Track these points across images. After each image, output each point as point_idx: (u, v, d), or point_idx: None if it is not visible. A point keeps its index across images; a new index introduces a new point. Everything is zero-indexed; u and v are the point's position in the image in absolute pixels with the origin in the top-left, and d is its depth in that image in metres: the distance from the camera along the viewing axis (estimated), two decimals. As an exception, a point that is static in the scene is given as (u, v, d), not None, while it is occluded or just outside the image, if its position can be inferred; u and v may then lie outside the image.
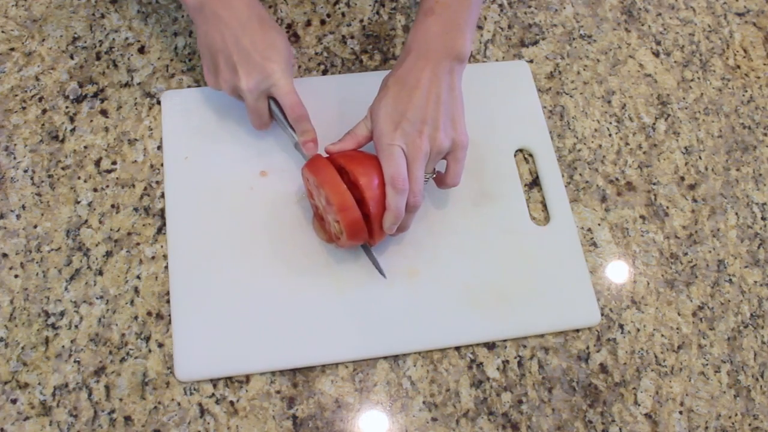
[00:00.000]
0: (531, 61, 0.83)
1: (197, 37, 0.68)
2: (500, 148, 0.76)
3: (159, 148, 0.73)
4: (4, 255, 0.68)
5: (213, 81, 0.69)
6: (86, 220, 0.70)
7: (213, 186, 0.71)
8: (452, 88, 0.64)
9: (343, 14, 0.83)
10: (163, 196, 0.71)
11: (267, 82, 0.66)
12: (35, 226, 0.69)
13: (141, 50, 0.78)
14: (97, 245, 0.69)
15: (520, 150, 0.77)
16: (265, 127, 0.71)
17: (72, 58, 0.77)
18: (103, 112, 0.75)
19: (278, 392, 0.65)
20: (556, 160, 0.76)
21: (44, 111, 0.74)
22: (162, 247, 0.69)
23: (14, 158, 0.72)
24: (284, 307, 0.66)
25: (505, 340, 0.68)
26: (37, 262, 0.67)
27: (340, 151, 0.66)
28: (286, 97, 0.67)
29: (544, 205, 0.75)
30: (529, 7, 0.86)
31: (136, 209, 0.70)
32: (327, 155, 0.66)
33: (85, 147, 0.73)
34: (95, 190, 0.71)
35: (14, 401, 0.62)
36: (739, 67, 0.86)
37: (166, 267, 0.68)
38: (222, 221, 0.69)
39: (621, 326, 0.71)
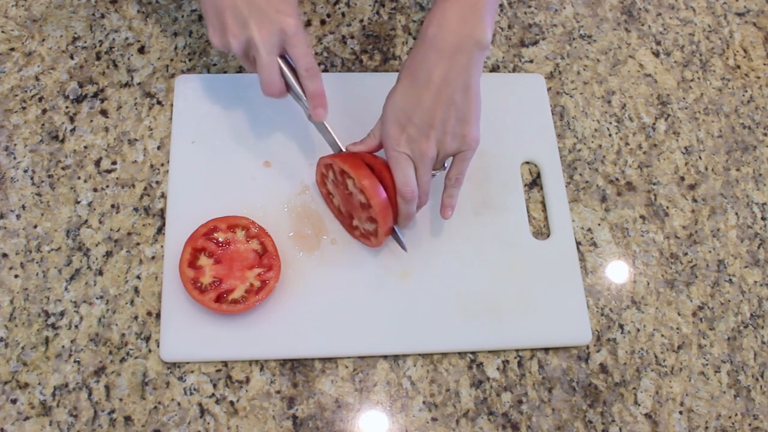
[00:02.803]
0: (531, 61, 0.83)
1: None
2: (507, 159, 0.76)
3: (159, 148, 0.73)
4: (4, 255, 0.68)
5: (219, 40, 0.63)
6: (86, 220, 0.70)
7: (216, 172, 0.72)
8: (468, 86, 0.61)
9: (343, 14, 0.83)
10: (163, 196, 0.71)
11: (281, 35, 0.61)
12: (35, 226, 0.69)
13: (141, 50, 0.78)
14: (97, 245, 0.68)
15: (527, 162, 0.77)
16: (277, 90, 0.65)
17: (72, 58, 0.77)
18: (103, 112, 0.75)
19: (278, 392, 0.65)
20: (562, 177, 0.75)
21: (44, 111, 0.74)
22: (162, 247, 0.69)
23: (14, 158, 0.72)
24: (279, 299, 0.67)
25: (490, 352, 0.68)
26: (37, 262, 0.67)
27: (361, 151, 0.66)
28: (301, 47, 0.62)
29: (546, 220, 0.74)
30: (529, 7, 0.86)
31: (136, 209, 0.70)
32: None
33: (85, 147, 0.73)
34: (95, 190, 0.71)
35: (14, 401, 0.62)
36: (739, 67, 0.86)
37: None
38: (222, 208, 0.69)
39: (621, 326, 0.71)
